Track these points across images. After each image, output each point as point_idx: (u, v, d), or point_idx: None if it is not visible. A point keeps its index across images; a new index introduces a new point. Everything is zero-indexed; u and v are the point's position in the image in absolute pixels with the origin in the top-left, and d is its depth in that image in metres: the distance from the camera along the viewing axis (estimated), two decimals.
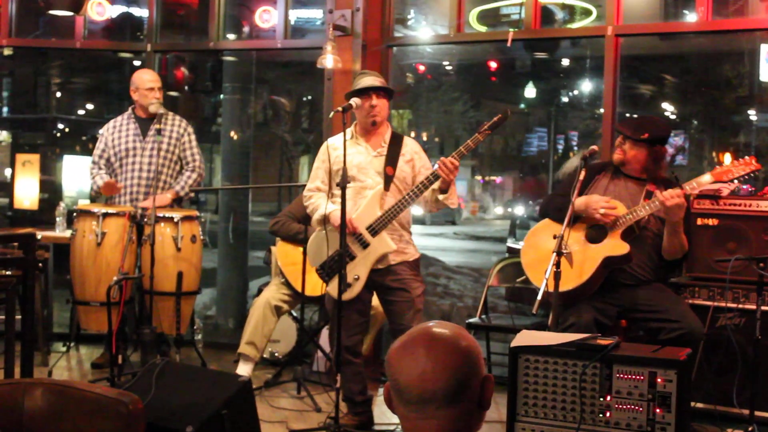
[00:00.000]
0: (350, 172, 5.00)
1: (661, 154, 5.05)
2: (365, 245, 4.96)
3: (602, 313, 4.81)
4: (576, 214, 4.81)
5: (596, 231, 4.87)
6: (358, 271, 4.98)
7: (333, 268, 4.96)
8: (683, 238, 4.83)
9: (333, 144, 5.11)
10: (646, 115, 6.07)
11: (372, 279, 5.03)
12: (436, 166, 4.85)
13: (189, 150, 6.68)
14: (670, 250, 4.87)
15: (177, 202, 6.59)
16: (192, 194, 6.79)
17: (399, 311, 5.03)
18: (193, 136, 6.73)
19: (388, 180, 5.02)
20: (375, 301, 5.33)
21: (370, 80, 5.13)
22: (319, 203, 5.10)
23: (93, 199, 6.74)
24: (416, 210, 5.55)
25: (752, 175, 4.79)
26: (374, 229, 4.93)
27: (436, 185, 4.88)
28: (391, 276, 5.04)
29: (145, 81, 6.55)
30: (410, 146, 5.17)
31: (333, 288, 4.96)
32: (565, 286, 4.54)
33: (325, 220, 5.03)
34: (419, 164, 5.13)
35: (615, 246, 4.79)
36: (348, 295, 4.98)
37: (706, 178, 4.78)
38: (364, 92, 5.07)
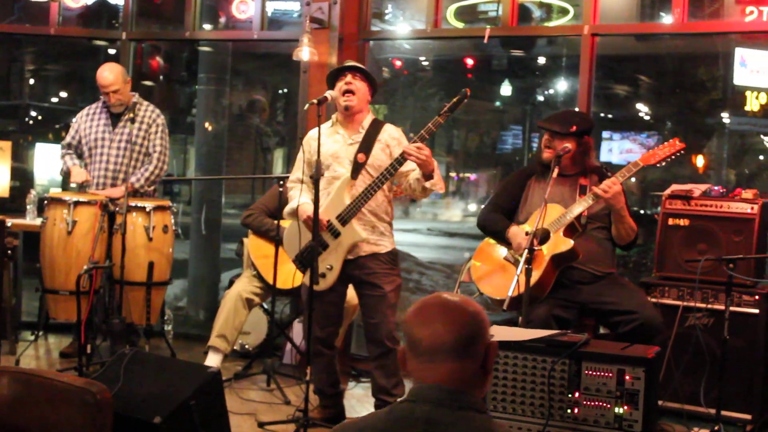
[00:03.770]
0: (326, 161, 4.98)
1: (588, 145, 5.12)
2: (336, 234, 4.93)
3: (563, 311, 4.85)
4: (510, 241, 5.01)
5: (540, 236, 4.88)
6: (331, 261, 4.95)
7: (307, 259, 4.94)
8: (630, 221, 4.91)
9: (313, 135, 5.06)
10: (565, 109, 6.06)
11: (345, 272, 4.99)
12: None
13: (152, 140, 6.56)
14: (620, 236, 4.95)
15: (133, 194, 6.44)
16: (151, 188, 6.66)
17: (371, 305, 5.00)
18: (161, 127, 6.61)
19: (357, 167, 4.94)
20: (349, 293, 5.31)
21: (349, 63, 5.12)
22: (295, 195, 5.08)
23: (66, 187, 6.69)
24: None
25: (678, 155, 4.88)
26: (343, 218, 4.89)
27: (417, 173, 4.85)
28: (365, 270, 4.99)
29: (101, 86, 6.47)
30: (388, 132, 5.06)
31: (309, 278, 4.95)
32: (519, 290, 4.54)
33: (295, 212, 5.02)
34: (397, 151, 4.94)
35: (558, 243, 4.83)
36: (323, 285, 4.95)
37: (636, 163, 4.86)
38: (341, 72, 5.05)
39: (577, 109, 6.19)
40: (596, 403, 3.77)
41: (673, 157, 4.86)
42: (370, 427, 2.21)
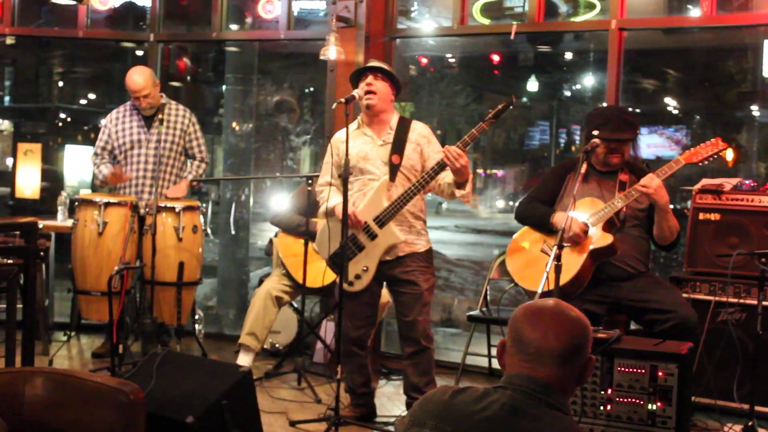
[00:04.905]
0: (357, 164, 4.98)
1: (637, 141, 5.10)
2: (373, 236, 4.93)
3: (593, 306, 4.82)
4: (552, 227, 4.93)
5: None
6: (367, 262, 4.95)
7: (339, 259, 4.94)
8: (673, 220, 4.84)
9: (339, 138, 5.07)
10: (609, 107, 5.89)
11: (381, 271, 4.99)
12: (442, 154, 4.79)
13: (195, 141, 6.72)
14: (663, 234, 4.89)
15: (192, 191, 6.62)
16: (201, 185, 6.82)
17: (408, 303, 5.00)
18: (197, 127, 6.76)
19: (394, 169, 4.95)
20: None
21: (371, 63, 5.13)
22: (327, 197, 5.08)
23: (95, 189, 6.74)
24: None
25: (719, 154, 4.84)
26: (381, 221, 4.89)
27: (450, 178, 4.83)
28: (401, 268, 4.99)
29: (131, 91, 6.51)
30: (418, 131, 5.06)
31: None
32: (549, 286, 4.50)
33: (330, 212, 5.02)
34: (428, 150, 5.00)
35: (598, 238, 4.80)
36: (358, 287, 4.97)
37: (678, 161, 4.81)
38: (362, 74, 5.05)
39: (604, 104, 6.15)
40: (629, 399, 3.76)
41: (715, 156, 4.82)
42: (463, 402, 2.25)
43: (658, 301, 4.77)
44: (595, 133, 4.86)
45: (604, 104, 6.24)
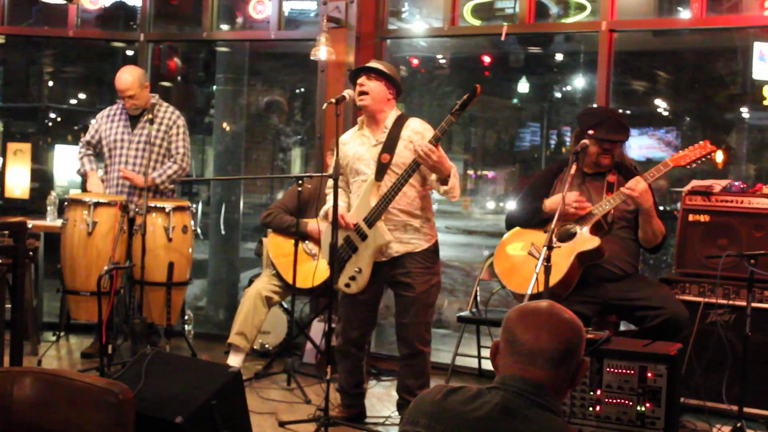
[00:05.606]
0: (353, 165, 4.99)
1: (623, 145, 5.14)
2: (364, 237, 4.91)
3: (582, 307, 4.82)
4: (547, 217, 4.89)
5: (565, 231, 4.87)
6: (360, 263, 4.93)
7: (338, 261, 4.94)
8: (658, 223, 4.86)
9: (342, 140, 5.06)
10: (602, 108, 5.80)
11: (382, 272, 4.97)
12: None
13: (175, 142, 6.60)
14: (647, 237, 4.91)
15: (154, 190, 6.50)
16: (171, 186, 6.67)
17: (403, 306, 4.98)
18: (182, 129, 6.64)
19: (382, 168, 4.89)
20: None
21: (371, 63, 5.09)
22: (330, 199, 5.08)
23: (85, 189, 6.72)
24: None
25: (707, 157, 4.84)
26: (369, 221, 4.88)
27: (434, 175, 4.81)
28: (398, 269, 4.96)
29: (117, 89, 6.51)
30: (411, 128, 4.96)
31: (340, 281, 4.95)
32: (539, 288, 4.50)
33: (323, 215, 5.03)
34: None
35: (585, 241, 4.80)
36: (354, 289, 4.96)
37: (666, 164, 4.82)
38: (356, 75, 5.04)
39: (594, 105, 6.15)
40: (618, 400, 3.76)
41: (703, 159, 4.82)
42: (455, 401, 2.26)
43: (647, 299, 4.79)
44: (590, 132, 4.87)
45: (594, 105, 6.25)
